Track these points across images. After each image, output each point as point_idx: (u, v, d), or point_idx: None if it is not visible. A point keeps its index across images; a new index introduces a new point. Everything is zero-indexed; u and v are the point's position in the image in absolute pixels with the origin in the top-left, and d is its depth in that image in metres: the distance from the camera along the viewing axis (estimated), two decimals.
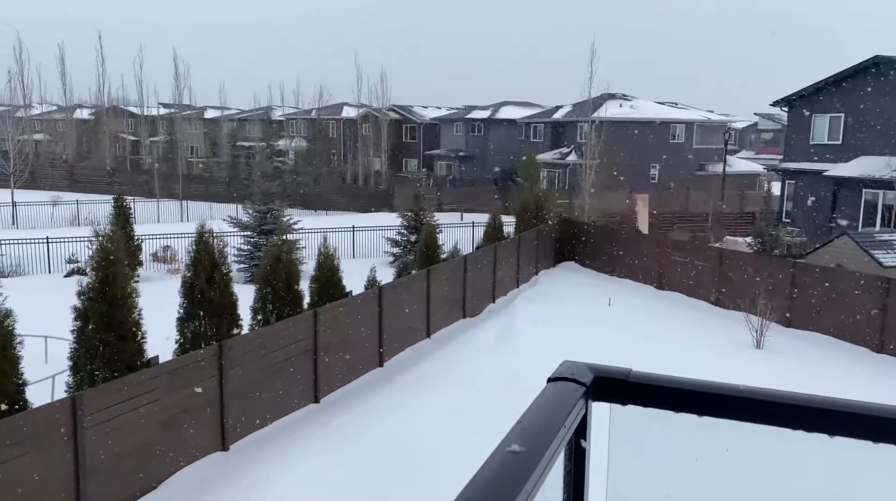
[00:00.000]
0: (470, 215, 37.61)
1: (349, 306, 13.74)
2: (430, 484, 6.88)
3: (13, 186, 38.36)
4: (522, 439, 1.03)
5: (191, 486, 9.02)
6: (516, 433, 1.05)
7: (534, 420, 1.11)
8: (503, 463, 0.97)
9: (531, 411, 1.15)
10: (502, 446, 1.01)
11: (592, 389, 1.26)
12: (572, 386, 1.24)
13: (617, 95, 46.70)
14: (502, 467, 0.96)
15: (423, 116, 62.47)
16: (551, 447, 1.04)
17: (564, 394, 1.22)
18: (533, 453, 1.00)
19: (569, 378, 1.26)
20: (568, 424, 1.13)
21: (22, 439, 7.49)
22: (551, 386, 1.25)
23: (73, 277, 22.38)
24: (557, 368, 1.34)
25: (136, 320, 10.11)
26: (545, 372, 5.33)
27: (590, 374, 1.28)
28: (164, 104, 64.06)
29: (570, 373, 1.28)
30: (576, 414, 1.18)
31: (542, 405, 1.17)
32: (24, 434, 7.53)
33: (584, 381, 1.25)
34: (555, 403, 1.19)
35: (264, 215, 25.68)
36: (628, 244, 24.31)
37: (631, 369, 1.30)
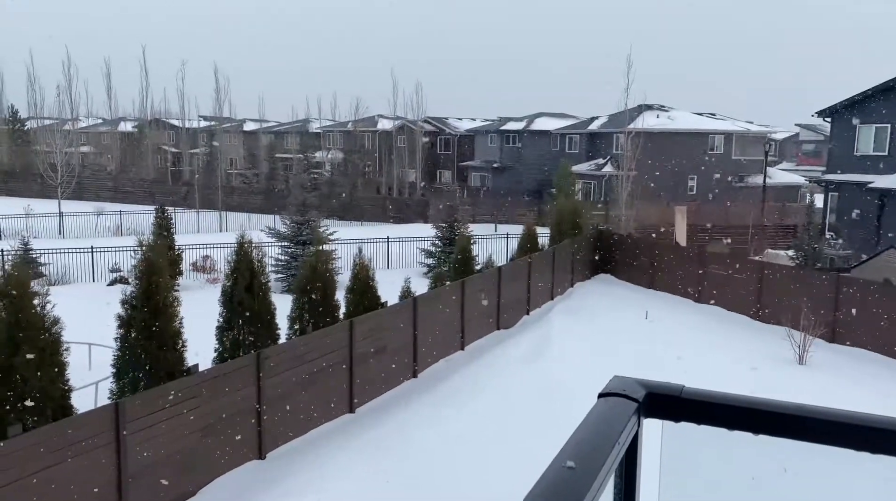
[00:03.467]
0: (504, 226, 37.55)
1: (384, 317, 13.79)
2: (466, 496, 6.84)
3: (60, 197, 39.56)
4: (577, 455, 1.03)
5: (228, 494, 9.12)
6: (571, 449, 1.05)
7: (587, 436, 1.10)
8: (559, 479, 0.96)
9: (584, 426, 1.14)
10: (557, 461, 1.01)
11: (644, 405, 1.24)
12: (624, 402, 1.23)
13: (654, 106, 46.27)
14: (558, 483, 0.95)
15: (457, 127, 62.70)
16: (606, 463, 1.04)
17: (617, 410, 1.21)
18: (588, 469, 1.00)
19: (620, 394, 1.25)
20: (622, 441, 1.12)
21: (67, 444, 7.67)
22: (603, 402, 1.24)
23: (116, 285, 22.96)
24: (608, 383, 1.33)
25: (177, 328, 10.31)
26: (581, 387, 5.39)
27: (642, 390, 1.27)
28: (204, 117, 65.49)
29: (621, 389, 1.27)
30: (629, 431, 1.17)
31: (595, 421, 1.16)
32: (69, 439, 7.71)
33: (637, 397, 1.24)
34: (607, 419, 1.18)
35: (301, 225, 26.00)
36: (666, 257, 23.98)
37: (684, 385, 1.28)
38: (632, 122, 38.07)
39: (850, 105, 27.80)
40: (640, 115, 41.42)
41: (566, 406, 12.57)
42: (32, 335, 8.57)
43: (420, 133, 58.03)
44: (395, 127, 59.77)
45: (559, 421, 10.19)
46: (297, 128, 70.55)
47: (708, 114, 50.35)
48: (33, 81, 56.41)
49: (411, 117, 59.73)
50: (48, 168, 42.72)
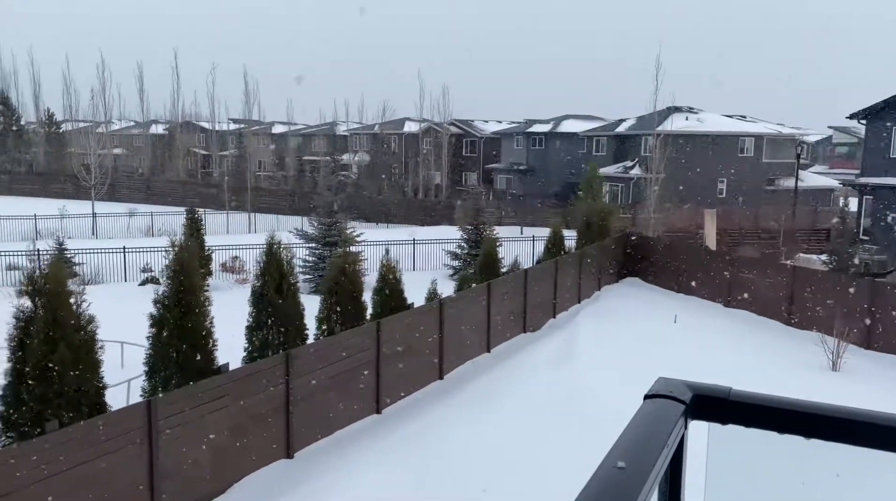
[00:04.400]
0: (530, 228, 37.42)
1: (411, 319, 13.83)
2: (493, 498, 6.83)
3: (93, 198, 40.37)
4: (626, 455, 1.02)
5: (257, 492, 9.22)
6: (620, 450, 1.04)
7: (635, 437, 1.10)
8: (611, 479, 0.96)
9: (632, 427, 1.14)
10: (607, 462, 1.00)
11: (691, 407, 1.23)
12: (671, 404, 1.22)
13: (682, 108, 45.77)
14: (610, 483, 0.95)
15: (483, 130, 62.68)
16: (656, 465, 1.03)
17: (663, 412, 1.20)
18: (638, 470, 0.99)
19: (667, 396, 1.24)
20: (670, 442, 1.12)
21: (101, 440, 7.82)
22: (649, 403, 1.24)
23: (148, 285, 23.35)
24: (654, 385, 1.32)
25: (208, 328, 10.45)
26: (609, 391, 5.41)
27: (688, 392, 1.26)
28: (234, 120, 66.44)
29: (667, 390, 1.26)
30: (676, 433, 1.16)
31: (643, 423, 1.16)
32: (103, 436, 7.86)
33: (684, 399, 1.23)
34: (654, 420, 1.17)
35: (328, 227, 26.21)
36: (695, 260, 23.69)
37: (731, 387, 1.27)
38: (660, 124, 37.70)
39: (885, 107, 27.20)
40: (668, 117, 41.00)
41: (594, 410, 12.54)
42: (69, 333, 8.76)
43: (446, 135, 58.12)
44: (421, 129, 59.96)
45: (587, 424, 10.21)
46: (325, 131, 71.13)
47: (738, 116, 49.67)
48: (69, 84, 57.73)
49: (437, 120, 59.88)
50: (82, 170, 43.62)
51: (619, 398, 13.29)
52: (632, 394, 6.97)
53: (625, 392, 13.34)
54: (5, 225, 34.68)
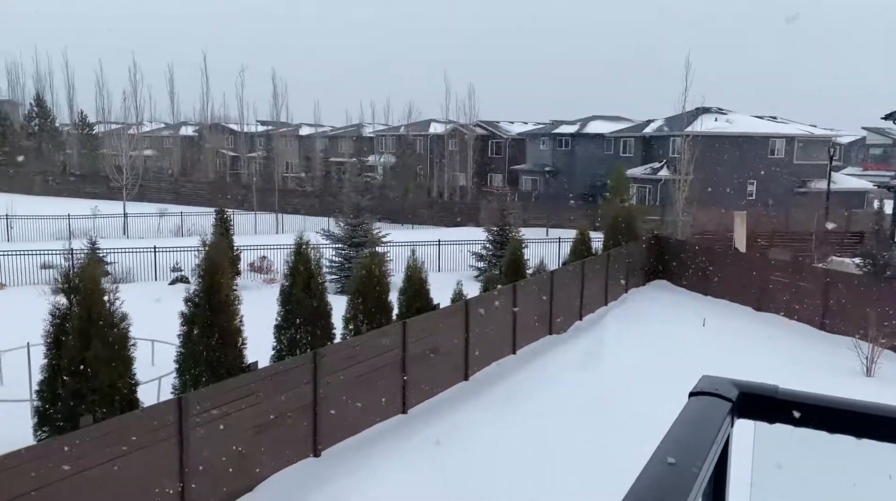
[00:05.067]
0: (556, 230, 37.22)
1: (436, 319, 13.86)
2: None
3: (125, 199, 41.10)
4: (676, 452, 1.02)
5: (285, 490, 9.30)
6: (669, 447, 1.04)
7: (683, 435, 1.09)
8: (662, 475, 0.96)
9: (679, 425, 1.13)
10: (657, 457, 1.00)
11: (737, 405, 1.22)
12: (717, 402, 1.21)
13: (712, 109, 45.21)
14: (662, 478, 0.95)
15: (508, 131, 62.57)
16: (706, 461, 1.02)
17: (710, 410, 1.19)
18: (688, 466, 0.99)
19: (713, 393, 1.23)
20: (718, 440, 1.11)
21: (134, 436, 7.95)
22: (695, 401, 1.23)
23: (177, 284, 23.70)
24: (698, 382, 1.31)
25: (238, 326, 10.58)
26: (637, 393, 5.36)
27: (734, 390, 1.25)
28: (262, 121, 67.15)
29: (713, 388, 1.25)
30: (724, 431, 1.15)
31: (690, 420, 1.15)
32: (135, 432, 7.99)
33: (730, 397, 1.22)
34: (702, 418, 1.16)
35: (355, 228, 26.36)
36: (724, 263, 23.38)
37: (778, 386, 1.25)
38: (689, 125, 37.28)
39: None
40: (697, 118, 40.54)
41: (620, 413, 12.43)
42: (103, 330, 8.93)
43: (472, 137, 58.12)
44: (446, 131, 60.04)
45: (613, 427, 10.14)
46: (351, 132, 71.61)
47: (769, 117, 48.92)
48: (101, 86, 58.86)
49: (463, 121, 59.90)
50: (114, 171, 44.43)
51: (646, 401, 13.20)
52: (660, 397, 7.07)
53: (652, 395, 13.27)
54: (40, 225, 35.46)
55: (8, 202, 37.03)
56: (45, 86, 67.40)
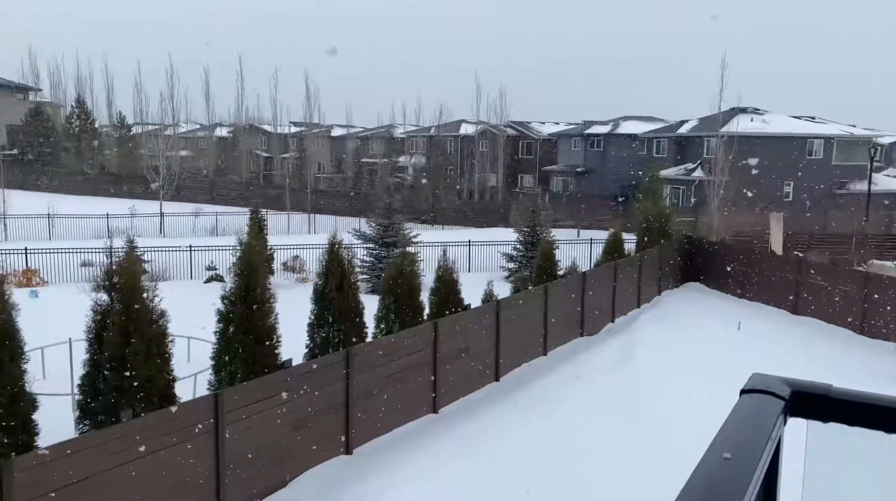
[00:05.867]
0: (587, 231, 36.98)
1: (468, 319, 13.87)
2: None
3: (161, 199, 41.92)
4: (731, 449, 1.02)
5: (318, 487, 9.40)
6: (723, 443, 1.04)
7: (737, 432, 1.09)
8: (718, 470, 0.96)
9: (731, 422, 1.13)
10: (712, 453, 1.00)
11: (790, 403, 1.22)
12: (769, 399, 1.21)
13: (748, 109, 44.46)
14: (718, 473, 0.95)
15: (539, 131, 62.30)
16: (761, 459, 1.02)
17: (763, 407, 1.19)
18: (744, 462, 0.99)
19: (765, 391, 1.23)
20: (772, 438, 1.11)
21: (171, 430, 8.12)
22: (747, 399, 1.22)
23: (212, 283, 24.10)
24: (749, 380, 1.31)
25: (273, 324, 10.73)
26: (668, 396, 5.31)
27: (786, 388, 1.24)
28: (294, 123, 67.93)
29: (764, 386, 1.25)
30: (777, 429, 1.15)
31: (743, 417, 1.15)
32: (173, 427, 8.16)
33: (783, 395, 1.22)
34: (755, 416, 1.16)
35: (386, 228, 26.51)
36: (760, 265, 22.97)
37: (832, 384, 1.24)
38: (724, 125, 36.71)
39: None
40: (732, 118, 39.90)
41: (653, 415, 12.29)
42: (142, 326, 9.13)
43: (502, 137, 58.02)
44: (477, 131, 60.03)
45: (645, 429, 10.02)
46: (382, 133, 72.02)
47: (807, 117, 47.91)
48: (139, 88, 60.06)
49: (494, 122, 59.84)
50: (151, 171, 45.35)
51: (680, 404, 13.00)
52: (693, 400, 7.05)
53: (686, 398, 13.10)
54: (80, 224, 36.35)
55: (50, 202, 38.03)
56: (85, 88, 69.21)
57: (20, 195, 42.28)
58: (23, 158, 61.14)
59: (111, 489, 7.39)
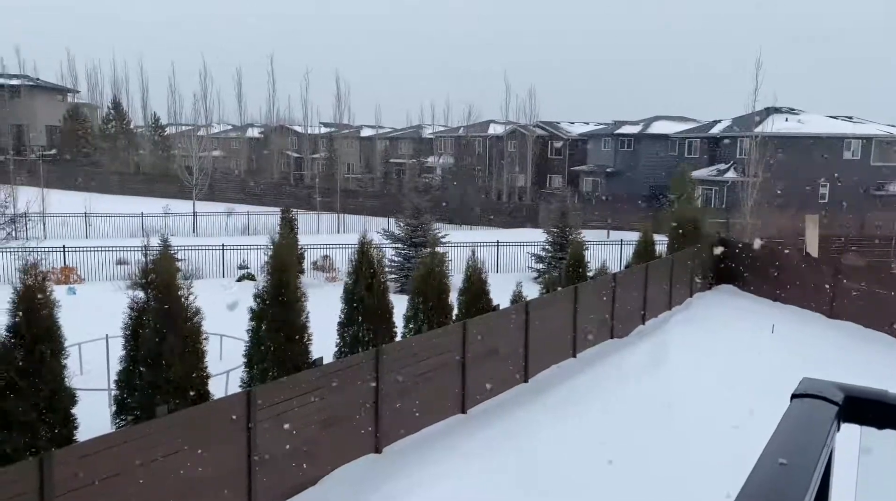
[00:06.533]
0: (617, 232, 36.63)
1: (496, 320, 13.84)
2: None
3: (195, 198, 42.59)
4: (785, 454, 1.01)
5: (348, 485, 9.46)
6: (777, 448, 1.03)
7: (790, 437, 1.08)
8: (774, 475, 0.95)
9: (784, 427, 1.12)
10: (766, 458, 0.99)
11: (843, 409, 1.20)
12: (822, 404, 1.19)
13: (782, 109, 43.66)
14: (774, 478, 0.94)
15: (569, 131, 61.94)
16: (817, 465, 1.01)
17: (815, 413, 1.17)
18: (799, 468, 0.98)
19: (817, 396, 1.21)
20: (828, 444, 1.09)
21: (205, 427, 8.25)
22: (798, 403, 1.21)
23: (244, 281, 24.42)
24: (800, 384, 1.29)
25: (304, 322, 10.84)
26: (699, 400, 5.24)
27: (839, 393, 1.22)
28: (324, 123, 68.53)
29: (816, 390, 1.23)
30: (831, 435, 1.13)
31: (796, 423, 1.13)
32: (206, 423, 8.29)
33: (836, 400, 1.20)
34: (808, 421, 1.14)
35: (414, 228, 26.60)
36: (794, 268, 22.54)
37: (887, 389, 1.22)
38: (758, 125, 36.09)
39: None
40: (767, 118, 39.22)
41: (684, 419, 12.13)
42: (177, 323, 9.30)
43: (531, 138, 57.80)
44: (506, 132, 59.90)
45: (676, 433, 9.86)
46: (411, 134, 72.28)
47: (844, 117, 46.89)
48: (173, 89, 61.15)
49: (523, 122, 59.67)
50: (184, 171, 46.09)
51: (711, 408, 12.81)
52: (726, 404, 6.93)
53: (718, 402, 12.88)
54: (115, 222, 37.11)
55: (86, 200, 38.90)
56: (121, 89, 70.69)
57: (59, 194, 43.29)
58: (61, 157, 62.64)
59: (146, 483, 7.53)
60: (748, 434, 11.12)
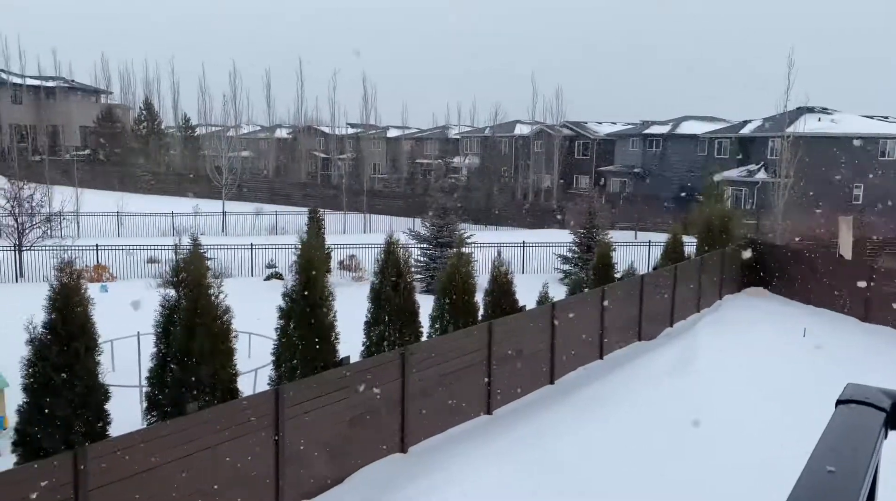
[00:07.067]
0: (645, 233, 36.31)
1: (522, 321, 13.80)
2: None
3: (224, 198, 43.16)
4: (834, 461, 0.99)
5: (374, 484, 9.50)
6: (824, 455, 1.01)
7: (838, 444, 1.06)
8: (822, 483, 0.93)
9: (831, 434, 1.09)
10: (814, 465, 0.97)
11: (892, 415, 1.17)
12: (869, 411, 1.17)
13: (815, 109, 42.85)
14: (823, 486, 0.92)
15: (596, 131, 61.50)
16: (867, 472, 0.99)
17: (863, 419, 1.15)
18: (848, 475, 0.96)
19: (863, 402, 1.19)
20: (876, 451, 1.06)
21: (234, 424, 8.35)
22: (844, 409, 1.18)
23: (272, 280, 24.67)
24: (844, 390, 1.27)
25: (332, 321, 10.91)
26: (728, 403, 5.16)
27: (887, 399, 1.20)
28: (351, 124, 68.93)
29: (863, 396, 1.21)
30: (879, 442, 1.11)
31: (842, 429, 1.11)
32: (236, 420, 8.39)
33: (883, 406, 1.17)
34: (855, 428, 1.12)
35: (440, 228, 26.63)
36: (827, 270, 22.11)
37: None
38: (790, 125, 35.46)
39: None
40: (799, 118, 38.52)
41: (712, 423, 11.96)
42: (207, 321, 9.43)
43: (558, 138, 57.50)
44: (532, 132, 59.67)
45: (703, 437, 9.71)
46: (437, 134, 72.38)
47: (879, 117, 45.85)
48: (203, 90, 62.05)
49: (550, 122, 59.38)
50: (214, 171, 46.73)
51: (740, 413, 12.63)
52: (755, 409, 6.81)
53: (747, 406, 12.68)
54: (146, 221, 37.76)
55: (118, 200, 39.63)
56: (152, 90, 71.93)
57: (92, 194, 44.18)
58: (94, 157, 63.92)
59: (176, 478, 7.64)
60: (777, 440, 10.95)
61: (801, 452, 1.14)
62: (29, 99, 64.40)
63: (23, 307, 10.65)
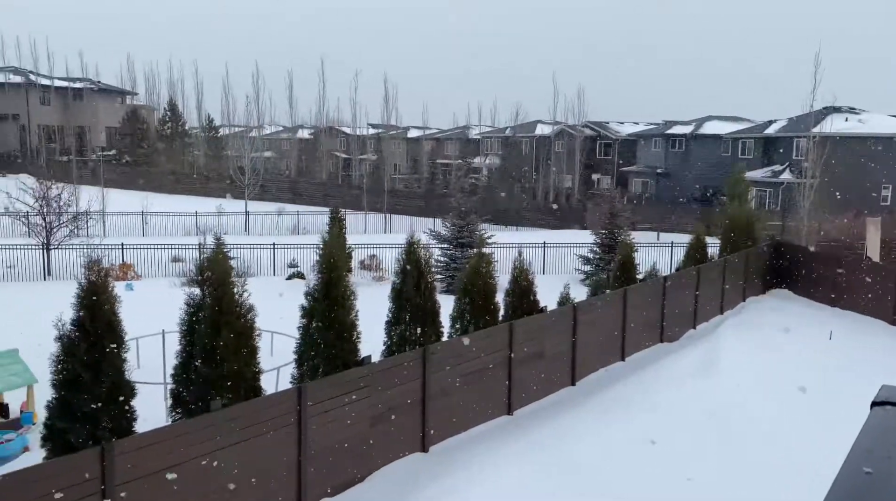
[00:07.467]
0: (667, 234, 36.02)
1: (543, 322, 13.76)
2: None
3: (247, 198, 43.57)
4: (870, 462, 0.99)
5: (395, 483, 9.54)
6: (861, 456, 1.01)
7: (875, 445, 1.05)
8: (860, 483, 0.93)
9: (867, 435, 1.09)
10: (851, 465, 0.97)
11: None
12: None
13: (842, 109, 42.18)
14: (861, 486, 0.92)
15: (618, 131, 61.10)
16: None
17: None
18: (886, 477, 0.95)
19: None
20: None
21: (257, 421, 8.43)
22: (880, 411, 1.18)
23: (294, 280, 24.86)
24: (880, 392, 1.26)
25: (353, 321, 10.97)
26: (752, 406, 5.12)
27: None
28: (372, 125, 69.24)
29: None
30: None
31: (878, 431, 1.11)
32: (259, 417, 8.47)
33: None
34: (889, 429, 1.12)
35: (461, 228, 26.64)
36: (854, 273, 21.75)
37: None
38: (816, 125, 34.95)
39: None
40: (825, 118, 37.95)
41: (735, 427, 11.82)
42: (231, 319, 9.53)
43: (579, 138, 57.23)
44: (553, 132, 59.46)
45: (727, 441, 9.63)
46: (457, 134, 72.40)
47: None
48: (227, 91, 62.70)
49: (571, 122, 59.15)
50: (237, 171, 47.19)
51: (764, 415, 12.47)
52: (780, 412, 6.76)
53: (772, 409, 12.52)
54: (171, 221, 38.24)
55: (143, 200, 40.18)
56: (177, 91, 72.84)
57: (118, 194, 44.84)
58: (120, 158, 64.87)
59: (200, 475, 7.74)
60: (803, 441, 10.83)
61: (826, 454, 1.13)
62: (57, 100, 65.55)
63: (51, 305, 10.86)
